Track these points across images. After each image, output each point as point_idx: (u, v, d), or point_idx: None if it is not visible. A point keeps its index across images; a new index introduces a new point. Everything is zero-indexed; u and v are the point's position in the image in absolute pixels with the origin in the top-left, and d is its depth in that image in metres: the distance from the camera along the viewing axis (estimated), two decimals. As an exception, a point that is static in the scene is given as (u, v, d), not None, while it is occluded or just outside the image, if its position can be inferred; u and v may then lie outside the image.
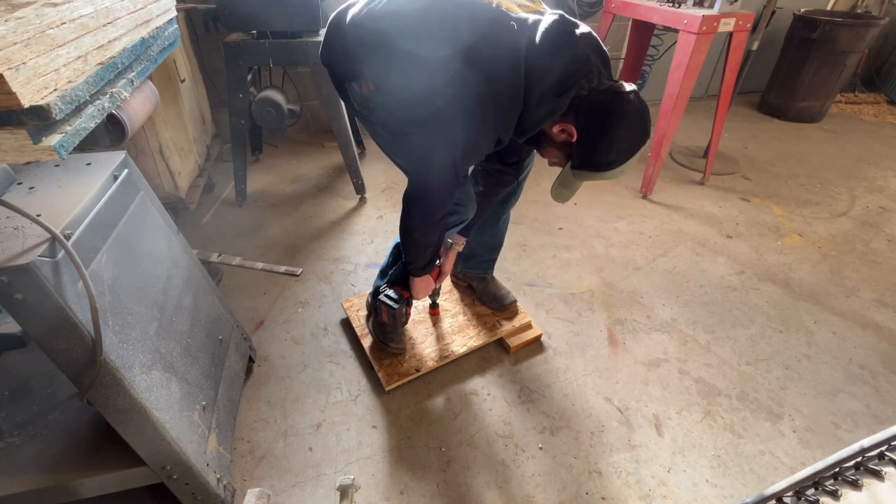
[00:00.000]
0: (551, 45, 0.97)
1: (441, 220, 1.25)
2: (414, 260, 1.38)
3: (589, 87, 1.00)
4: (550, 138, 1.10)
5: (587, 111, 1.02)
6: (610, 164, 1.05)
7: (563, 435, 1.45)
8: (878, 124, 3.87)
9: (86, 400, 0.88)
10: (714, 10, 2.22)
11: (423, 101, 1.01)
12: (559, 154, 1.12)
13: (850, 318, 1.91)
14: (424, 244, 1.32)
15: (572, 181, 1.11)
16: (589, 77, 0.99)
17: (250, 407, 1.50)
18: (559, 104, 1.01)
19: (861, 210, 2.66)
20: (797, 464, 1.39)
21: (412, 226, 1.26)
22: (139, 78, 1.01)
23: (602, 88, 1.00)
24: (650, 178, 2.65)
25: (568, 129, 1.05)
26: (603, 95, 1.00)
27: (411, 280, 1.47)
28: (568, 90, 0.99)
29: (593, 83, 1.00)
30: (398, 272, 1.56)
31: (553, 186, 1.15)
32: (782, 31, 3.70)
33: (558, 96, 1.00)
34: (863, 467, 0.67)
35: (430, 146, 1.07)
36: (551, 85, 0.99)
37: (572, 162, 1.09)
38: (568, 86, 0.99)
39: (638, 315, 1.89)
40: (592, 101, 1.00)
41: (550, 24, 0.99)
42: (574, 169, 1.09)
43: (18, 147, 0.68)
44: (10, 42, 0.64)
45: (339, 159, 2.85)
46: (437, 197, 1.18)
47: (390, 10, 1.04)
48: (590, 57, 1.00)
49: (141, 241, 1.09)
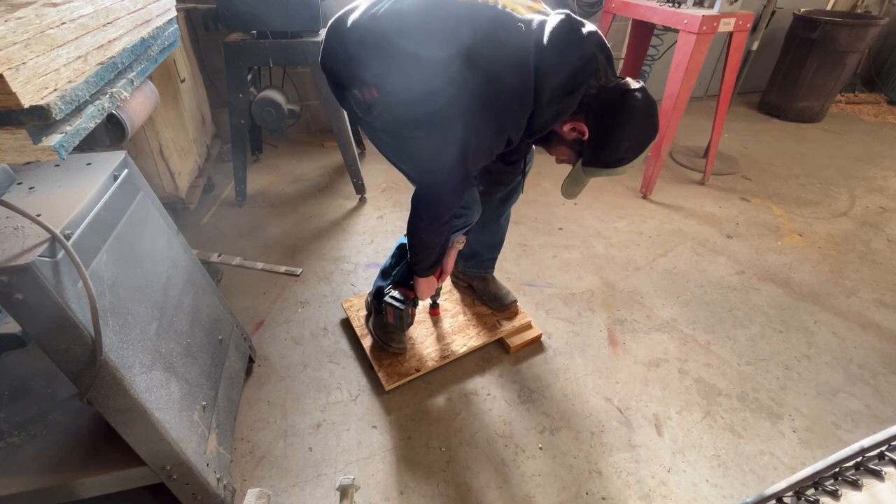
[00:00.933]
0: (560, 45, 0.98)
1: (449, 221, 1.25)
2: (420, 260, 1.39)
3: (598, 86, 1.01)
4: (561, 137, 1.11)
5: (598, 109, 1.03)
6: (620, 161, 1.07)
7: (563, 435, 1.45)
8: (878, 124, 3.87)
9: (86, 400, 0.88)
10: (714, 10, 2.22)
11: (425, 102, 1.02)
12: (569, 152, 1.14)
13: (850, 318, 1.91)
14: (431, 245, 1.33)
15: (583, 178, 1.13)
16: (597, 75, 1.01)
17: (250, 407, 1.50)
18: (569, 103, 1.02)
19: (861, 210, 2.66)
20: (797, 464, 1.39)
21: (420, 227, 1.27)
22: (139, 78, 1.01)
23: (611, 86, 1.01)
24: (650, 178, 2.65)
25: (579, 128, 1.06)
26: (612, 93, 1.01)
27: (416, 280, 1.47)
28: (577, 89, 1.00)
29: (602, 81, 1.01)
30: (402, 273, 1.56)
31: (564, 184, 1.17)
32: (782, 31, 3.70)
33: (568, 95, 1.01)
34: (863, 467, 0.67)
35: (435, 148, 1.08)
36: (561, 84, 0.99)
37: (583, 159, 1.10)
38: (577, 84, 1.00)
39: (638, 315, 1.89)
40: (603, 100, 1.02)
41: (558, 24, 0.99)
42: (585, 166, 1.10)
43: (18, 147, 0.68)
44: (10, 42, 0.64)
45: (339, 159, 2.85)
46: (446, 198, 1.19)
47: (391, 11, 1.04)
48: (597, 55, 1.00)
49: (141, 241, 1.09)
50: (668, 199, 2.70)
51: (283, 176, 2.83)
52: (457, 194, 1.19)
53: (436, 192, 1.18)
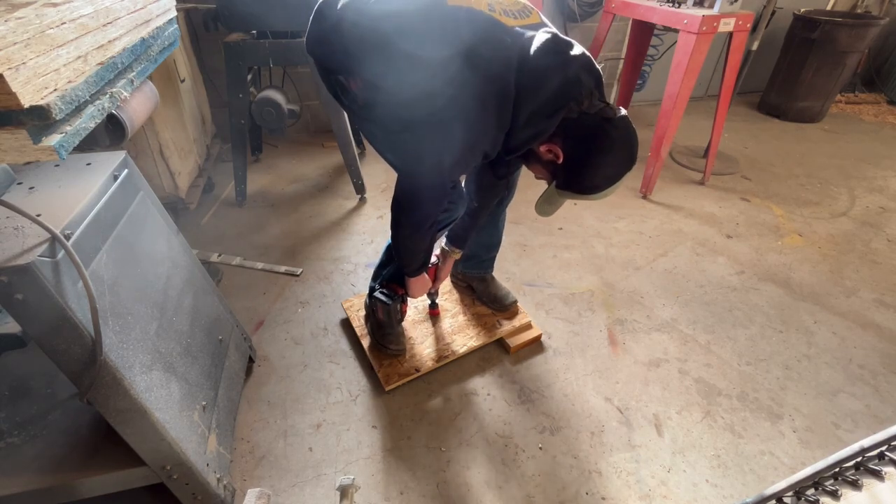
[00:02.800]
0: (542, 67, 0.96)
1: (431, 227, 1.24)
2: (407, 264, 1.38)
3: (578, 111, 0.98)
4: (537, 156, 1.09)
5: (575, 134, 1.01)
6: (594, 189, 1.05)
7: (563, 435, 1.45)
8: (878, 124, 3.87)
9: (86, 400, 0.88)
10: (714, 10, 2.22)
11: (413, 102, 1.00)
12: (544, 172, 1.12)
13: (850, 318, 1.91)
14: (415, 249, 1.32)
15: (557, 199, 1.11)
16: (579, 100, 0.98)
17: (250, 407, 1.50)
18: (547, 126, 1.00)
19: (861, 210, 2.66)
20: (797, 464, 1.39)
21: (402, 235, 1.26)
22: (139, 78, 1.01)
23: (591, 112, 0.99)
24: (650, 178, 2.65)
25: (555, 150, 1.04)
26: (591, 119, 0.99)
27: (407, 280, 1.47)
28: (556, 112, 0.98)
29: (583, 106, 0.98)
30: (392, 271, 1.56)
31: (538, 202, 1.15)
32: (782, 31, 3.70)
33: (547, 118, 0.99)
34: (863, 467, 0.67)
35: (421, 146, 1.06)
36: (540, 107, 0.98)
37: (557, 182, 1.09)
38: (556, 108, 0.98)
39: (638, 315, 1.89)
40: (580, 125, 0.99)
41: (542, 44, 0.97)
42: (558, 189, 1.09)
43: (18, 147, 0.68)
44: (10, 42, 0.64)
45: (339, 159, 2.85)
46: (424, 206, 1.17)
47: (387, 7, 1.02)
48: (581, 79, 0.98)
49: (141, 242, 1.09)
50: (668, 199, 2.70)
51: (283, 176, 2.83)
52: (435, 203, 1.17)
53: (416, 195, 1.16)
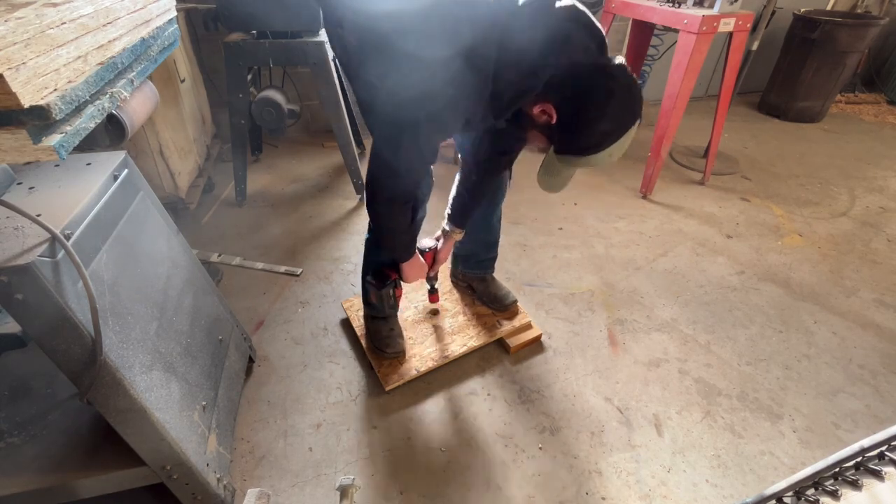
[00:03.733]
0: (527, 21, 0.92)
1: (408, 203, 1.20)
2: (393, 247, 1.36)
3: (569, 63, 0.92)
4: (532, 119, 1.03)
5: (566, 90, 0.94)
6: (593, 148, 0.96)
7: (563, 435, 1.45)
8: (878, 124, 3.87)
9: (86, 400, 0.88)
10: (714, 10, 2.22)
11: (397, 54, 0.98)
12: (542, 138, 1.05)
13: (850, 318, 1.91)
14: (397, 228, 1.27)
15: (557, 167, 1.03)
16: (569, 54, 0.92)
17: (250, 407, 1.50)
18: (533, 83, 0.95)
19: (861, 210, 2.66)
20: (797, 464, 1.39)
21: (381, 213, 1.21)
22: (139, 78, 1.01)
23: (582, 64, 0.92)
24: (650, 178, 2.65)
25: (548, 110, 0.97)
26: (583, 70, 0.92)
27: (400, 266, 1.44)
28: (542, 68, 0.93)
29: (572, 59, 0.92)
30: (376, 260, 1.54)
31: (539, 172, 1.07)
32: (782, 31, 3.70)
33: (531, 75, 0.95)
34: (863, 467, 0.67)
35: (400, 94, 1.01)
36: (524, 62, 0.94)
37: (554, 146, 1.02)
38: (542, 63, 0.92)
39: (638, 315, 1.89)
40: (572, 78, 0.93)
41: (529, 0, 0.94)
42: (557, 154, 1.01)
43: (18, 147, 0.68)
44: (10, 42, 0.64)
45: (339, 159, 2.84)
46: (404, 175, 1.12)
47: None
48: (570, 35, 0.93)
49: (141, 241, 1.09)
50: (668, 199, 2.70)
51: (283, 176, 2.83)
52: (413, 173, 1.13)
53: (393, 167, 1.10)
